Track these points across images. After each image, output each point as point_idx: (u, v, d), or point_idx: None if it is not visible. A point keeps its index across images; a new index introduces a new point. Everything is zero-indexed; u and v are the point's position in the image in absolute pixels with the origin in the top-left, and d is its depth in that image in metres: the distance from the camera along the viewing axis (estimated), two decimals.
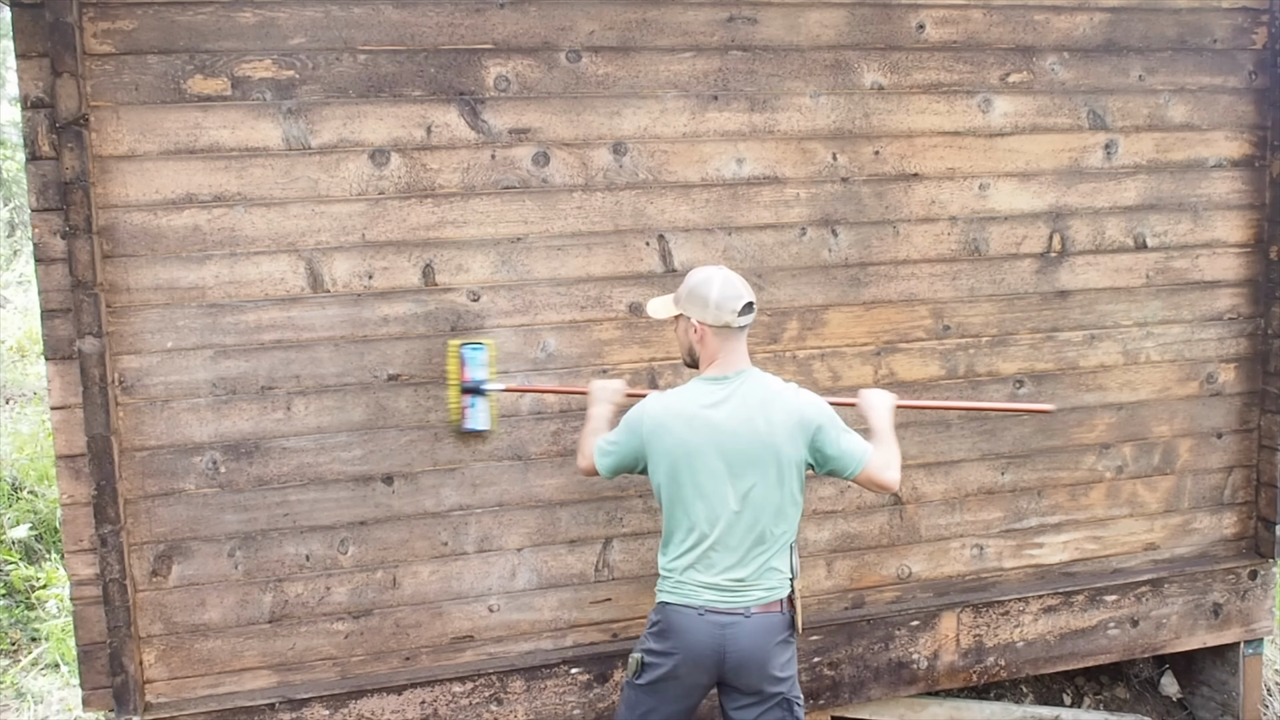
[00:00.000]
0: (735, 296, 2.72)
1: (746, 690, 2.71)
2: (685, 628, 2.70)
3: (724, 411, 2.70)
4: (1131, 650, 4.00)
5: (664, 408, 2.76)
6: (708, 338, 2.75)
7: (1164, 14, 3.77)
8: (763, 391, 2.74)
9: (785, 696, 2.73)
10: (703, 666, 2.70)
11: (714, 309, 2.71)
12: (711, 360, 2.78)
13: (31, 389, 7.45)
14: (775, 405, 2.71)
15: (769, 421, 2.69)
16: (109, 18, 2.95)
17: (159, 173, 3.02)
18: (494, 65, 3.21)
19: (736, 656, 2.68)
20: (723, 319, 2.71)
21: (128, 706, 3.10)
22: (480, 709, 3.37)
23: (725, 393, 2.73)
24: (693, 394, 2.76)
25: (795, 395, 2.76)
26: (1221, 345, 3.97)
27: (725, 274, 2.76)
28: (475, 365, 3.21)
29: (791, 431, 2.70)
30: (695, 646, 2.69)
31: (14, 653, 4.91)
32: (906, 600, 3.77)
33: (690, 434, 2.70)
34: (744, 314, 2.72)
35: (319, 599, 3.26)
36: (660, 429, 2.74)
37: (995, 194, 3.67)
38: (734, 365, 2.76)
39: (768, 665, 2.70)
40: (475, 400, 3.22)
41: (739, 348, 2.78)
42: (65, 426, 3.04)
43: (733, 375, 2.75)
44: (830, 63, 3.47)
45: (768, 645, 2.70)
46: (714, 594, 2.70)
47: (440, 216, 3.22)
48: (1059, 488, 3.87)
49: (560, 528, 3.42)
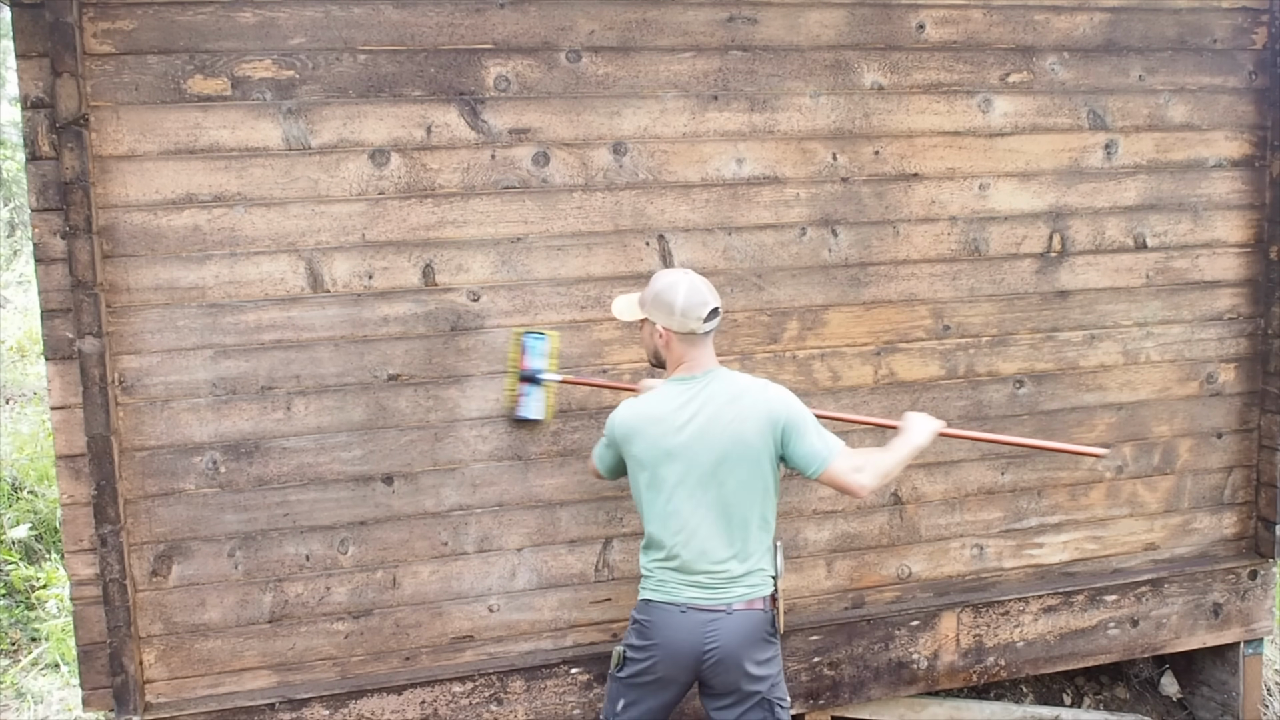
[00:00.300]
0: (701, 304, 2.71)
1: (724, 689, 2.72)
2: (666, 624, 2.71)
3: (691, 411, 2.70)
4: (1131, 650, 4.00)
5: (634, 412, 2.76)
6: (673, 343, 2.75)
7: (1164, 14, 3.77)
8: (731, 389, 2.73)
9: (765, 696, 2.73)
10: (682, 664, 2.71)
11: (680, 316, 2.71)
12: (678, 364, 2.78)
13: (31, 389, 7.45)
14: (744, 401, 2.71)
15: (739, 418, 2.69)
16: (109, 18, 2.95)
17: (159, 173, 3.02)
18: (494, 65, 3.21)
19: (716, 654, 2.68)
20: (688, 325, 2.71)
21: (128, 706, 3.10)
22: (480, 709, 3.37)
23: (693, 392, 2.73)
24: (662, 397, 2.76)
25: (763, 391, 2.75)
26: (1221, 345, 3.98)
27: (691, 279, 2.75)
28: (535, 355, 3.22)
29: (761, 427, 2.70)
30: (675, 643, 2.70)
31: (14, 653, 4.91)
32: (906, 600, 3.77)
33: (661, 436, 2.71)
34: (709, 320, 2.72)
35: (319, 599, 3.26)
36: (631, 433, 2.75)
37: (995, 194, 3.67)
38: (702, 366, 2.77)
39: (746, 663, 2.69)
40: (531, 389, 3.24)
41: (706, 351, 2.78)
42: (65, 426, 3.04)
43: (700, 375, 2.75)
44: (830, 63, 3.47)
45: (748, 643, 2.70)
46: (696, 591, 2.71)
47: (440, 216, 3.22)
48: (1059, 488, 3.87)
49: (560, 528, 3.42)
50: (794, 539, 3.62)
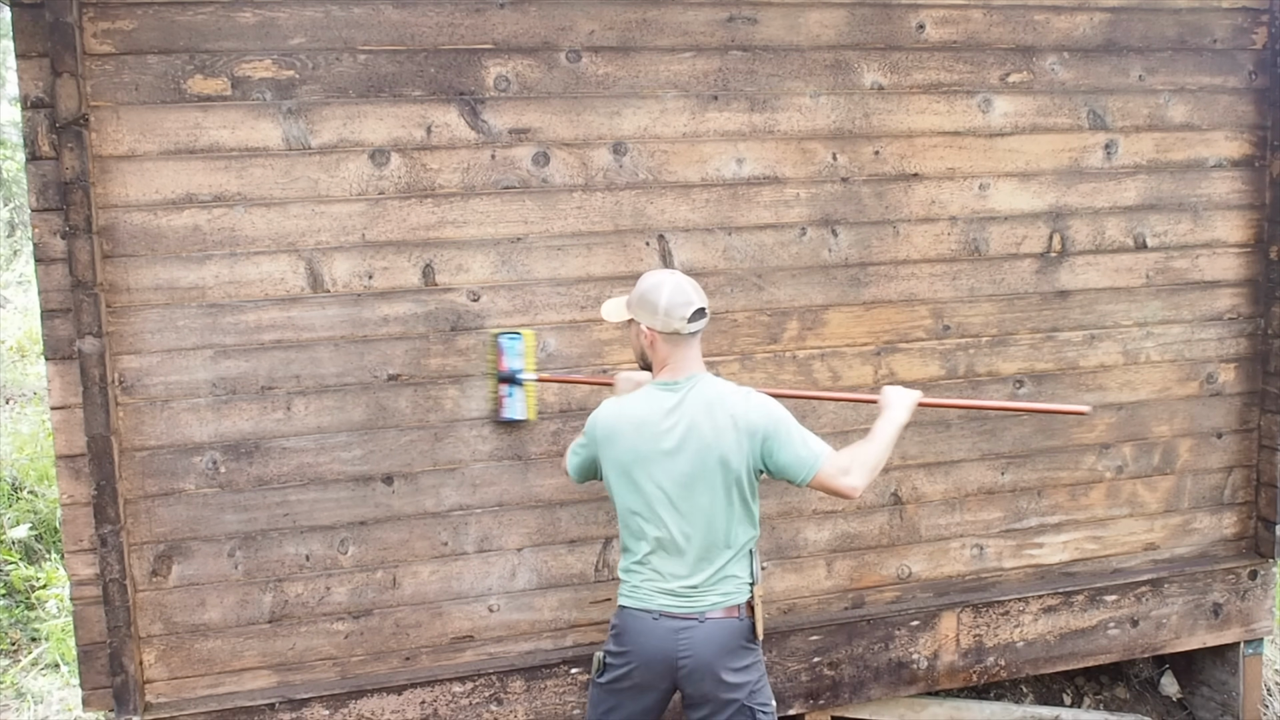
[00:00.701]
0: (685, 303, 2.69)
1: (701, 698, 2.69)
2: (640, 631, 2.69)
3: (672, 419, 2.68)
4: (1131, 650, 4.00)
5: (616, 414, 2.74)
6: (658, 343, 2.73)
7: (1164, 14, 3.77)
8: (712, 398, 2.70)
9: (745, 704, 2.69)
10: (657, 670, 2.69)
11: (663, 315, 2.69)
12: (663, 365, 2.76)
13: (31, 389, 7.45)
14: (723, 413, 2.68)
15: (716, 429, 2.67)
16: (109, 18, 2.95)
17: (159, 173, 3.02)
18: (494, 65, 3.21)
19: (690, 662, 2.66)
20: (672, 325, 2.69)
21: (128, 706, 3.10)
22: (480, 709, 3.37)
23: (675, 400, 2.71)
24: (644, 400, 2.74)
25: (744, 401, 2.71)
26: (1221, 345, 3.98)
27: (677, 280, 2.74)
28: (512, 355, 3.22)
29: (739, 439, 2.67)
30: (649, 651, 2.68)
31: (14, 653, 4.91)
32: (906, 600, 3.77)
33: (639, 441, 2.69)
34: (694, 320, 2.70)
35: (319, 599, 3.26)
36: (611, 435, 2.73)
37: (995, 194, 3.67)
38: (685, 370, 2.74)
39: (721, 671, 2.67)
40: (513, 390, 3.24)
41: (691, 353, 2.75)
42: (65, 426, 3.04)
43: (683, 381, 2.73)
44: (830, 63, 3.47)
45: (723, 651, 2.68)
46: (668, 599, 2.69)
47: (440, 216, 3.22)
48: (1059, 488, 3.87)
49: (560, 528, 3.42)
50: (794, 539, 3.62)
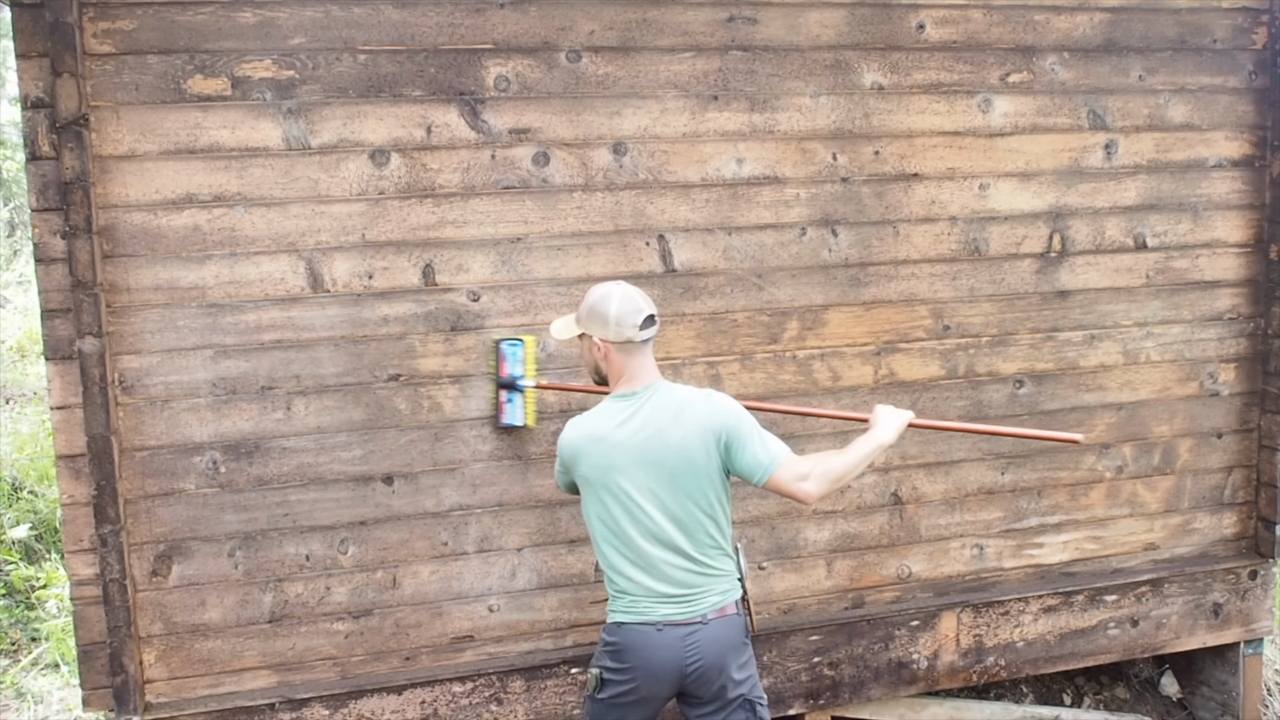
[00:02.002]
0: (635, 311, 2.69)
1: (708, 697, 2.70)
2: (644, 645, 2.68)
3: (633, 427, 2.68)
4: (1131, 650, 4.00)
5: (577, 432, 2.74)
6: (611, 355, 2.73)
7: (1164, 14, 3.77)
8: (673, 403, 2.70)
9: (746, 697, 2.72)
10: (664, 681, 2.69)
11: (614, 325, 2.69)
12: (619, 377, 2.75)
13: (31, 389, 7.45)
14: (686, 415, 2.68)
15: (682, 432, 2.67)
16: (109, 18, 2.95)
17: (159, 173, 3.02)
18: (494, 65, 3.21)
19: (699, 665, 2.67)
20: (624, 334, 2.69)
21: (128, 706, 3.10)
22: (480, 709, 3.37)
23: (634, 409, 2.70)
24: (603, 415, 2.73)
25: (705, 403, 2.72)
26: (1221, 345, 3.98)
27: (624, 289, 2.74)
28: (513, 361, 3.23)
29: (704, 439, 2.67)
30: (656, 663, 2.67)
31: (14, 653, 4.91)
32: (906, 600, 3.77)
33: (603, 455, 2.68)
34: (645, 328, 2.70)
35: (319, 599, 3.26)
36: (577, 454, 2.72)
37: (995, 194, 3.67)
38: (642, 380, 2.74)
39: (728, 668, 2.69)
40: (513, 396, 3.25)
41: (645, 362, 2.75)
42: (65, 426, 3.04)
43: (641, 390, 2.72)
44: (830, 63, 3.47)
45: (728, 649, 2.69)
46: (669, 608, 2.68)
47: (440, 216, 3.22)
48: (1059, 488, 3.87)
49: (560, 528, 3.42)
50: (794, 539, 3.62)
